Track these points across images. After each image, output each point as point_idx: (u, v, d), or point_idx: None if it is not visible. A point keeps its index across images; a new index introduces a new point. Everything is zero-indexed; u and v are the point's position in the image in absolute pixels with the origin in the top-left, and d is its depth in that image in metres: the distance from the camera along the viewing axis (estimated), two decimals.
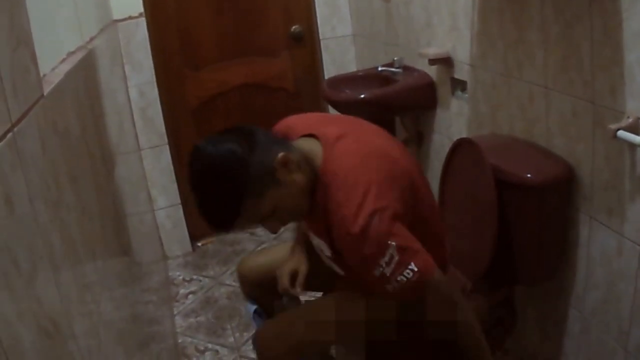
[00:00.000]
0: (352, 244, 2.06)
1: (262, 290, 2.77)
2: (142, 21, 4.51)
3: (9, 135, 1.06)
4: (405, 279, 2.04)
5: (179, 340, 3.95)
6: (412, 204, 2.18)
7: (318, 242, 2.40)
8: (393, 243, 2.01)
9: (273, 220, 2.26)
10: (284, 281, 2.62)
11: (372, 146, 2.21)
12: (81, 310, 1.44)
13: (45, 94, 1.41)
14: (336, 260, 2.37)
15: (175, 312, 4.29)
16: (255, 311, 2.80)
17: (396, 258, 2.02)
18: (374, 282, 2.09)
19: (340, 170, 2.11)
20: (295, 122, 2.48)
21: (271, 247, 2.94)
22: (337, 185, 2.10)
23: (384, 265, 2.03)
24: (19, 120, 1.14)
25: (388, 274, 2.05)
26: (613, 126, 2.15)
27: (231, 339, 3.93)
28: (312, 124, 2.36)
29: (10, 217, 1.01)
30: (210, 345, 3.90)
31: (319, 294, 2.82)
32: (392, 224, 2.04)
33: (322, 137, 2.24)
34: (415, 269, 2.04)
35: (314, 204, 2.22)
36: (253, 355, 3.70)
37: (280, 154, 2.13)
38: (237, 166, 2.08)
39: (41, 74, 1.45)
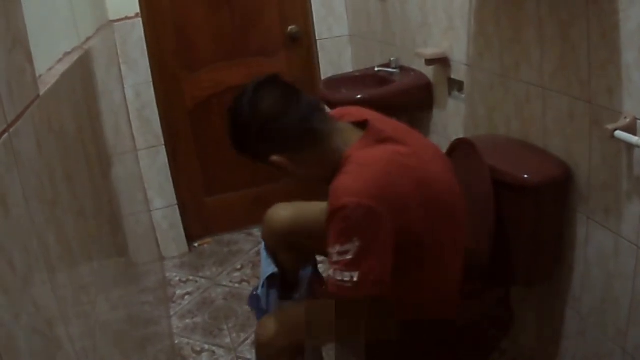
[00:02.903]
0: (328, 214, 2.06)
1: (285, 245, 2.77)
2: (139, 21, 4.50)
3: (5, 135, 1.06)
4: (341, 279, 2.03)
5: (176, 341, 3.95)
6: (420, 228, 2.16)
7: None
8: (357, 243, 2.00)
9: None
10: None
11: (407, 159, 2.18)
12: (77, 311, 1.43)
13: (41, 94, 1.41)
14: None
15: (171, 313, 4.29)
16: (271, 276, 2.78)
17: (349, 257, 2.00)
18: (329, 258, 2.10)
19: (361, 158, 2.12)
20: (361, 110, 2.47)
21: (305, 203, 2.90)
22: (353, 164, 2.11)
23: (337, 250, 2.03)
24: (14, 121, 1.13)
25: (333, 260, 2.04)
26: (610, 126, 2.14)
27: (228, 340, 3.92)
28: (374, 117, 2.35)
29: (6, 217, 1.01)
30: (206, 346, 3.89)
31: None
32: (373, 227, 2.02)
33: (369, 130, 2.23)
34: (355, 280, 2.02)
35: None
36: (250, 355, 3.70)
37: (274, 158, 2.21)
38: (248, 123, 2.21)
39: (37, 75, 1.45)
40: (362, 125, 2.27)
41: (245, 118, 2.18)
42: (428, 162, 2.24)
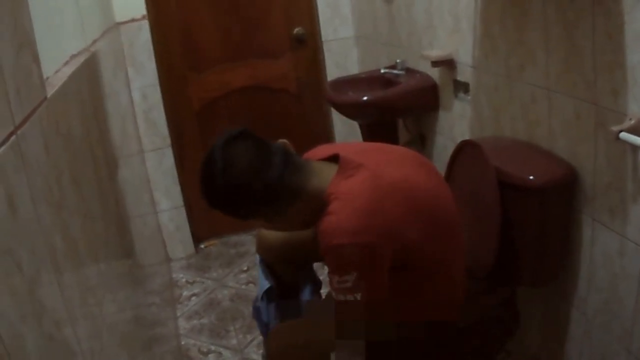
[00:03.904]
0: (322, 251, 2.07)
1: (280, 257, 2.78)
2: (145, 23, 4.52)
3: (12, 137, 1.07)
4: (344, 299, 2.07)
5: (182, 342, 3.96)
6: (419, 241, 2.16)
7: None
8: (355, 274, 2.02)
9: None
10: None
11: (388, 179, 2.16)
12: (84, 312, 1.44)
13: (48, 96, 1.41)
14: None
15: (178, 314, 4.29)
16: (267, 291, 2.78)
17: (349, 285, 2.03)
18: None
19: (343, 194, 2.10)
20: (330, 147, 2.47)
21: None
22: (336, 201, 2.09)
23: (336, 279, 2.06)
24: (22, 123, 1.14)
25: (334, 286, 2.08)
26: (615, 128, 2.14)
27: (234, 341, 3.93)
28: (343, 149, 2.32)
29: (13, 219, 1.02)
30: (213, 347, 3.90)
31: None
32: (368, 260, 2.05)
33: (342, 162, 2.20)
34: (359, 299, 2.05)
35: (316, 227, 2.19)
36: (256, 356, 3.70)
37: (252, 220, 2.26)
38: (221, 191, 2.17)
39: (44, 77, 1.46)
40: (334, 159, 2.26)
41: (218, 186, 2.14)
42: (407, 176, 2.24)
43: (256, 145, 2.17)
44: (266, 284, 2.78)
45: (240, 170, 2.11)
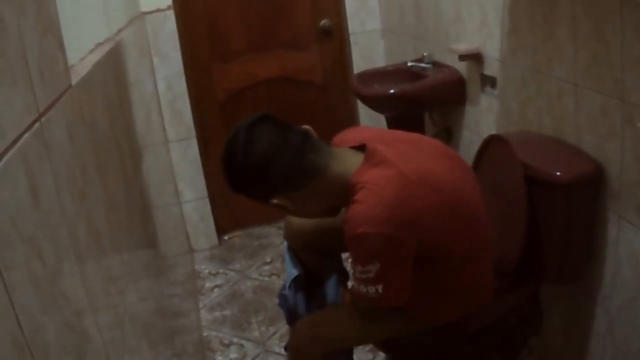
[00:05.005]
0: (346, 240, 2.08)
1: (308, 245, 2.77)
2: (171, 13, 4.54)
3: (36, 125, 1.06)
4: (366, 291, 2.08)
5: (204, 334, 3.96)
6: (442, 234, 2.14)
7: None
8: (378, 265, 2.02)
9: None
10: None
11: (414, 171, 2.13)
12: (106, 302, 1.43)
13: (73, 84, 1.41)
14: None
15: (200, 306, 4.30)
16: (295, 279, 2.77)
17: (371, 275, 2.04)
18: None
19: (370, 183, 2.08)
20: (358, 132, 2.48)
21: None
22: (363, 190, 2.08)
23: (359, 269, 2.06)
24: (46, 110, 1.13)
25: (356, 276, 2.08)
26: None
27: (256, 333, 3.93)
28: (371, 137, 2.31)
29: (36, 208, 1.01)
30: (235, 339, 3.90)
31: None
32: (392, 251, 2.04)
33: (369, 151, 2.19)
34: (380, 291, 2.06)
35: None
36: (278, 349, 3.70)
37: (274, 201, 2.24)
38: (243, 169, 2.19)
39: (69, 65, 1.45)
40: (360, 147, 2.26)
41: (240, 164, 2.17)
42: (433, 168, 2.22)
43: (277, 128, 2.21)
44: (294, 272, 2.78)
45: (259, 150, 2.15)
